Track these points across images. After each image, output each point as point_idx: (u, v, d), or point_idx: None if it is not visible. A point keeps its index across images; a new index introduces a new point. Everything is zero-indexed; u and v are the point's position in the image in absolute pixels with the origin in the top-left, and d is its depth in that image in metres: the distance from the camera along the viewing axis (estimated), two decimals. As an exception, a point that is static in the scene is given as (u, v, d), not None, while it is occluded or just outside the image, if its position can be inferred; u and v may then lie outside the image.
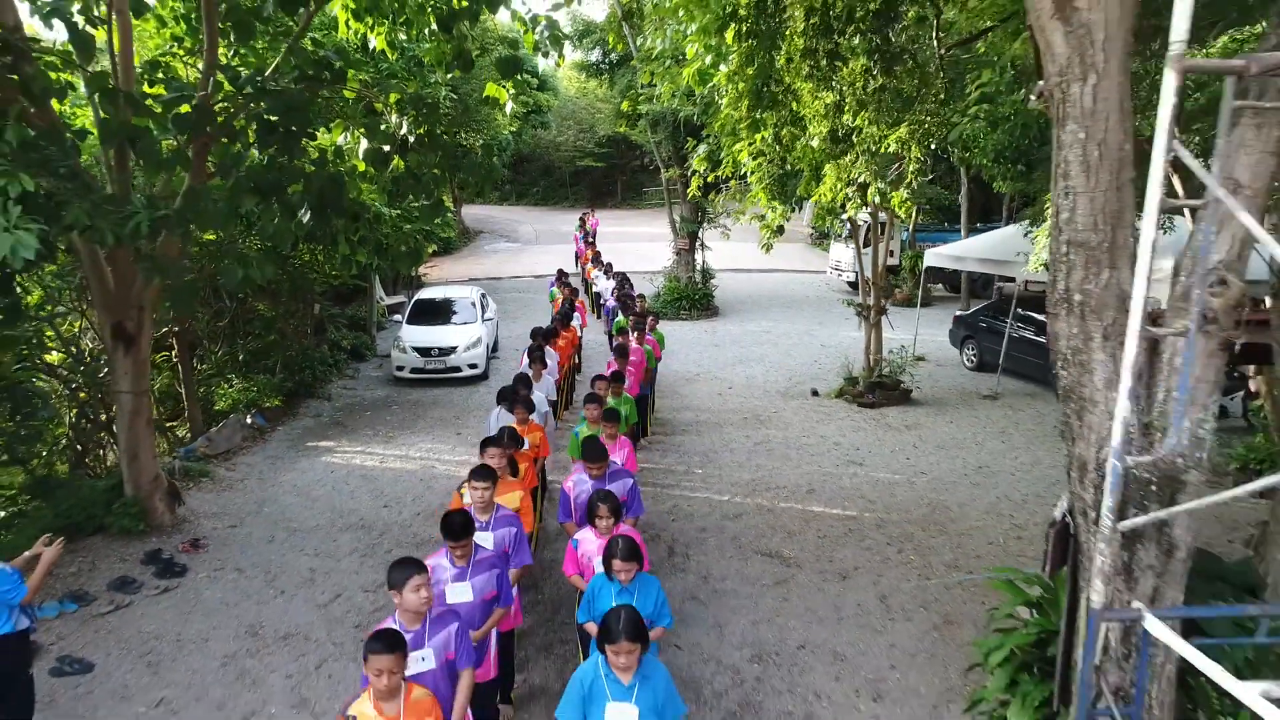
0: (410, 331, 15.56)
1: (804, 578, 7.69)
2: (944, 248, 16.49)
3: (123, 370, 8.04)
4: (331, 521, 9.07)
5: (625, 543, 4.64)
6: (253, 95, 7.07)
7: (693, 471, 10.62)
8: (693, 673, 6.18)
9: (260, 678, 6.13)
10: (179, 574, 7.72)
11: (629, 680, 3.73)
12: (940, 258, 15.78)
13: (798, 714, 5.70)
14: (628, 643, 3.64)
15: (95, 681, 6.06)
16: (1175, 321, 3.68)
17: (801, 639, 6.65)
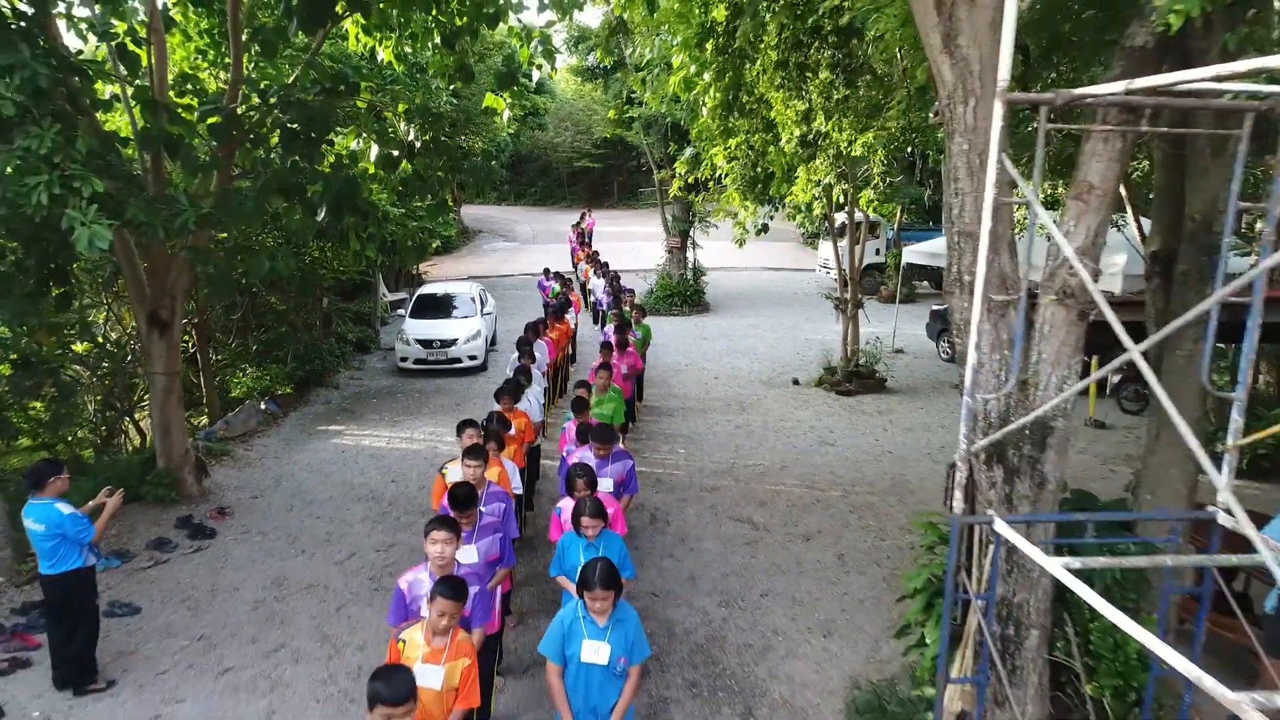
0: (413, 325, 16.40)
1: (771, 539, 8.55)
2: (921, 245, 17.36)
3: (157, 354, 8.89)
4: (344, 494, 9.92)
5: (592, 503, 5.21)
6: (277, 106, 7.92)
7: (676, 451, 11.48)
8: (668, 615, 7.04)
9: (287, 619, 6.99)
10: (209, 536, 8.57)
11: (604, 622, 4.25)
12: (918, 255, 16.65)
13: (756, 646, 6.57)
14: (602, 590, 4.17)
15: (143, 621, 6.91)
16: (1045, 297, 4.54)
17: (765, 588, 7.51)
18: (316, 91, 8.32)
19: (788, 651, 6.51)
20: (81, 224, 5.28)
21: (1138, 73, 3.97)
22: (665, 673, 6.20)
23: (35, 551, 5.64)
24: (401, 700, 3.29)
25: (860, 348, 14.98)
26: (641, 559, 7.95)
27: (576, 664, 4.25)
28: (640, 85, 13.71)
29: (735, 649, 6.55)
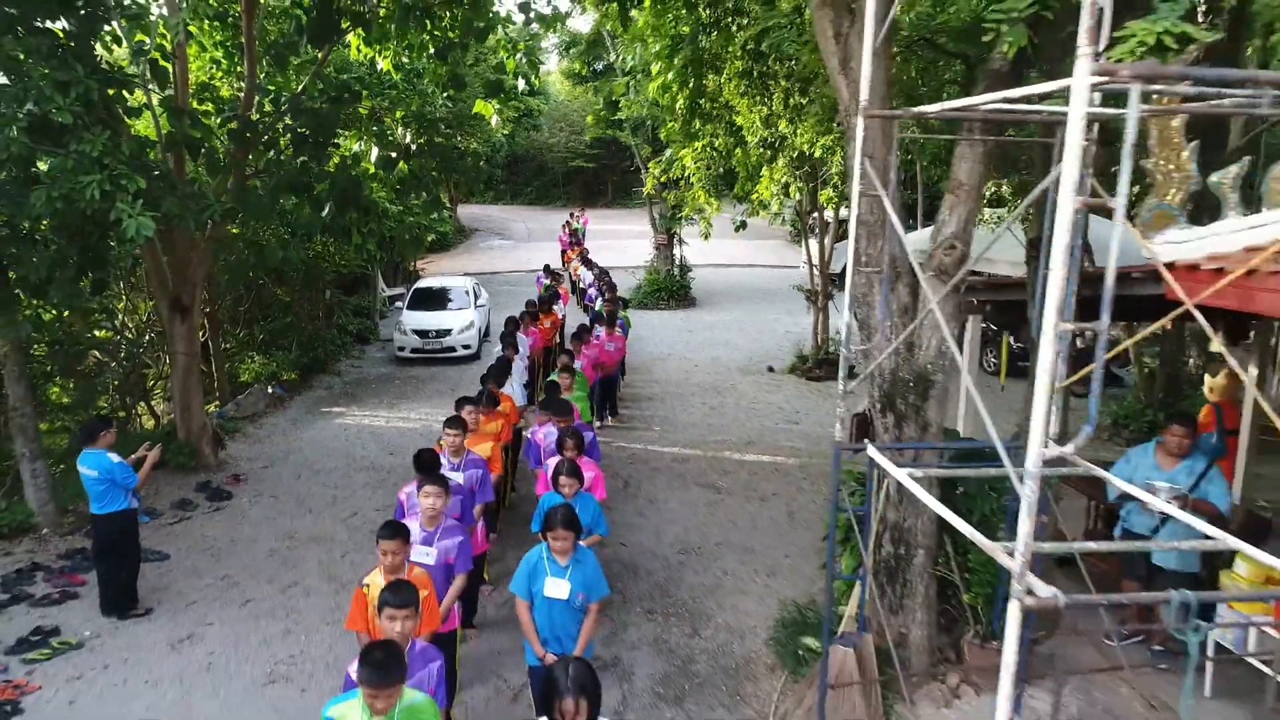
0: (410, 316, 17.39)
1: (731, 501, 9.55)
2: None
3: (178, 336, 9.87)
4: (347, 464, 10.90)
5: (569, 464, 5.93)
6: (288, 112, 8.91)
7: (652, 429, 12.48)
8: (633, 561, 8.03)
9: (298, 563, 7.98)
10: (226, 498, 9.56)
11: (565, 562, 4.71)
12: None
13: (708, 584, 7.56)
14: (563, 530, 4.64)
15: (172, 565, 7.90)
16: (928, 274, 5.53)
17: (720, 539, 8.51)
18: (323, 99, 9.31)
19: (735, 588, 7.50)
20: (129, 216, 6.25)
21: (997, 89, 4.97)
22: (627, 603, 7.19)
23: (87, 495, 6.61)
24: (404, 605, 3.86)
25: (830, 337, 15.97)
26: (614, 518, 8.92)
27: (541, 599, 4.73)
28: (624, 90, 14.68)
29: (689, 587, 7.54)
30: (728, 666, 6.31)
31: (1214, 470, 5.70)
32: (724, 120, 10.66)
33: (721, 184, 11.75)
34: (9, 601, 7.10)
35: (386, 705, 3.37)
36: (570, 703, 3.13)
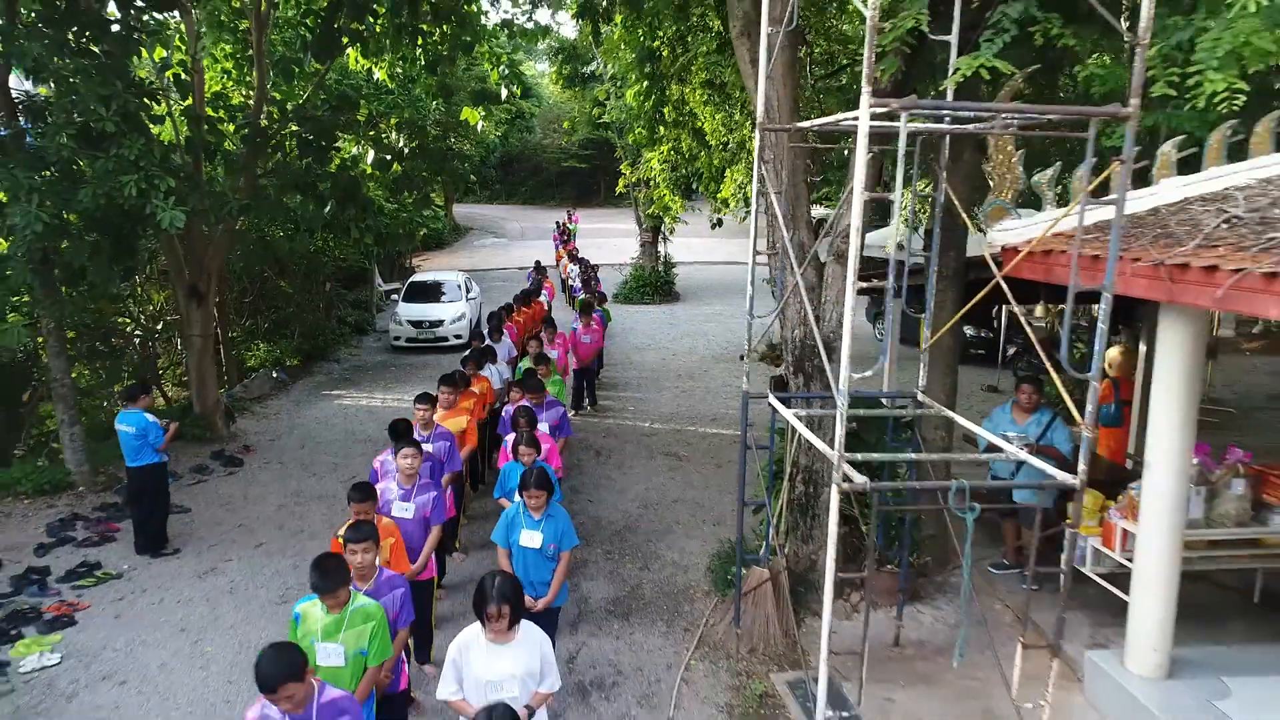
0: (405, 307, 18.51)
1: (690, 467, 10.68)
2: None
3: (195, 319, 10.99)
4: (346, 438, 12.03)
5: (528, 435, 6.66)
6: (293, 119, 10.03)
7: (626, 409, 13.61)
8: (598, 514, 9.15)
9: (305, 516, 9.10)
10: (238, 465, 10.68)
11: (538, 517, 5.29)
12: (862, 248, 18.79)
13: (660, 531, 8.70)
14: (536, 490, 5.23)
15: (193, 516, 9.01)
16: (829, 260, 6.67)
17: (677, 497, 9.64)
18: (325, 107, 10.43)
19: (684, 534, 8.64)
20: (163, 210, 7.36)
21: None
22: (589, 546, 8.32)
23: (121, 453, 7.73)
24: (361, 539, 4.54)
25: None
26: (584, 480, 10.09)
27: (518, 548, 5.29)
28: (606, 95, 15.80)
29: (644, 533, 8.68)
30: (670, 592, 7.44)
31: (1057, 421, 6.87)
32: (688, 126, 11.80)
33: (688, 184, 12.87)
34: (55, 544, 8.21)
35: (338, 604, 4.15)
36: (494, 608, 3.77)
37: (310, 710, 3.55)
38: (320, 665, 4.10)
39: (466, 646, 3.92)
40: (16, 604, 7.02)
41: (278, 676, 3.40)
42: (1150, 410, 5.21)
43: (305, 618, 4.28)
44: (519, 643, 3.93)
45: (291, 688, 3.43)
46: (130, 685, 5.96)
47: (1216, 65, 4.53)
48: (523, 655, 3.92)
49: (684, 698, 5.89)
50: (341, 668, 4.17)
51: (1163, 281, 4.04)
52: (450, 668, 3.92)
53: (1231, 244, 3.78)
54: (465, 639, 3.95)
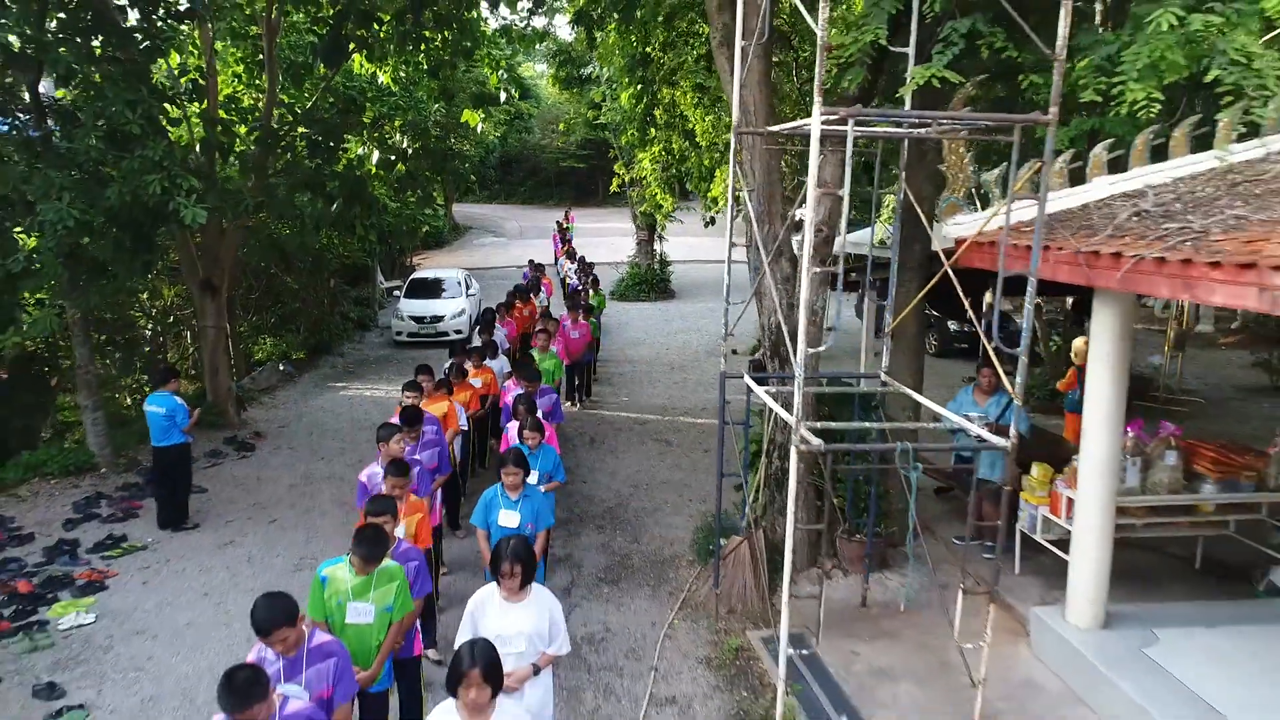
0: (407, 303, 19.06)
1: (678, 451, 11.25)
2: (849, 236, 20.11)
3: (209, 312, 11.55)
4: (352, 426, 12.59)
5: (532, 420, 7.12)
6: (303, 121, 10.59)
7: (620, 399, 14.18)
8: (592, 494, 9.72)
9: (314, 494, 9.66)
10: (250, 450, 11.24)
11: (515, 497, 5.56)
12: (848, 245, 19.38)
13: (649, 508, 9.27)
14: (513, 466, 5.50)
15: (210, 496, 9.56)
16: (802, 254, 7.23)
17: (665, 479, 10.21)
18: (332, 110, 10.98)
19: (671, 511, 9.21)
20: (185, 207, 7.92)
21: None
22: (583, 522, 8.89)
23: (151, 430, 8.28)
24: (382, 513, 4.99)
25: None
26: (578, 463, 10.65)
27: (496, 528, 5.48)
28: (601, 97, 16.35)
29: (634, 511, 9.25)
30: (656, 561, 8.01)
31: (1014, 403, 7.42)
32: (679, 128, 12.36)
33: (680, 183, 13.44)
34: (82, 519, 8.77)
35: (367, 568, 4.47)
36: (507, 566, 4.19)
37: (302, 652, 3.91)
38: (350, 623, 4.49)
39: (482, 602, 4.32)
40: (50, 571, 7.57)
41: (272, 621, 3.74)
42: (1086, 386, 5.78)
43: (332, 580, 4.62)
44: (530, 603, 4.31)
45: (285, 631, 3.76)
46: (161, 639, 6.52)
47: (1137, 77, 5.09)
48: (533, 615, 4.30)
49: (667, 651, 6.46)
50: (370, 624, 4.54)
51: (1081, 267, 4.61)
52: (467, 619, 4.28)
53: (1136, 234, 4.35)
54: (482, 596, 4.34)
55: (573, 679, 6.03)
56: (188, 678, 6.01)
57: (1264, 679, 5.33)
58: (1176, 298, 3.99)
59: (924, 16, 5.92)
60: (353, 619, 4.54)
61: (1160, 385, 13.92)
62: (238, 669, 3.33)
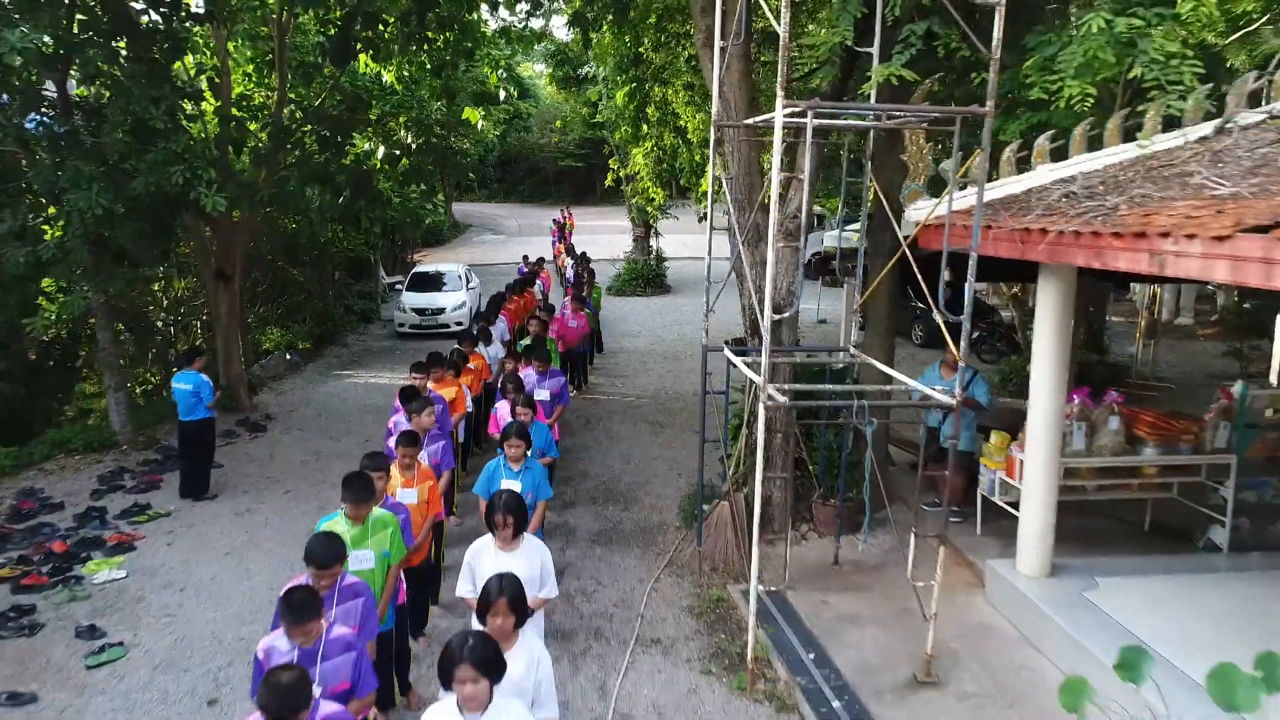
0: (409, 296, 19.64)
1: (669, 432, 11.83)
2: (833, 232, 20.69)
3: (222, 299, 12.12)
4: (358, 409, 13.16)
5: (524, 397, 7.72)
6: (312, 118, 11.16)
7: (615, 385, 14.76)
8: (587, 469, 10.29)
9: (325, 469, 10.23)
10: (263, 430, 11.82)
11: (517, 468, 5.89)
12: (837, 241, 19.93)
13: (640, 481, 9.85)
14: (516, 439, 5.91)
15: (226, 471, 10.13)
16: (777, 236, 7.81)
17: (655, 455, 10.79)
18: (340, 107, 11.56)
19: (661, 483, 9.79)
20: (206, 196, 8.49)
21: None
22: (577, 494, 9.47)
23: (179, 406, 8.86)
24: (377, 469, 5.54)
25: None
26: (575, 442, 11.23)
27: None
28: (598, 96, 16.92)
29: (625, 484, 9.83)
30: (645, 528, 8.59)
31: (978, 378, 8.01)
32: (670, 125, 12.94)
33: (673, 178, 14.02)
34: (107, 490, 9.34)
35: (359, 518, 4.86)
36: (500, 517, 4.58)
37: (334, 591, 4.29)
38: (353, 569, 4.82)
39: (478, 551, 4.77)
40: (82, 534, 8.15)
41: (330, 556, 4.21)
42: (1032, 356, 6.36)
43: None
44: (522, 552, 4.76)
45: (337, 568, 4.26)
46: (189, 591, 7.10)
47: (1073, 74, 5.67)
48: (524, 562, 4.71)
49: (653, 601, 7.03)
50: (372, 569, 4.99)
51: (1016, 243, 5.19)
52: (465, 569, 4.74)
53: (1062, 212, 4.93)
54: (478, 545, 4.79)
55: (566, 624, 6.61)
56: (215, 622, 6.58)
57: (1190, 618, 5.91)
58: (1090, 265, 4.57)
59: (886, 20, 6.50)
60: (355, 565, 4.87)
61: (1134, 372, 14.53)
62: (295, 589, 3.84)
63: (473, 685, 3.09)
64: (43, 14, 7.92)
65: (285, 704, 3.05)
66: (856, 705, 5.54)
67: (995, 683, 5.76)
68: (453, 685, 3.14)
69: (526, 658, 3.67)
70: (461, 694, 3.12)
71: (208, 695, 5.64)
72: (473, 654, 3.10)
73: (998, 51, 5.01)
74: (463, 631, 3.33)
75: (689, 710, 5.56)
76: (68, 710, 5.48)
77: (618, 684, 5.82)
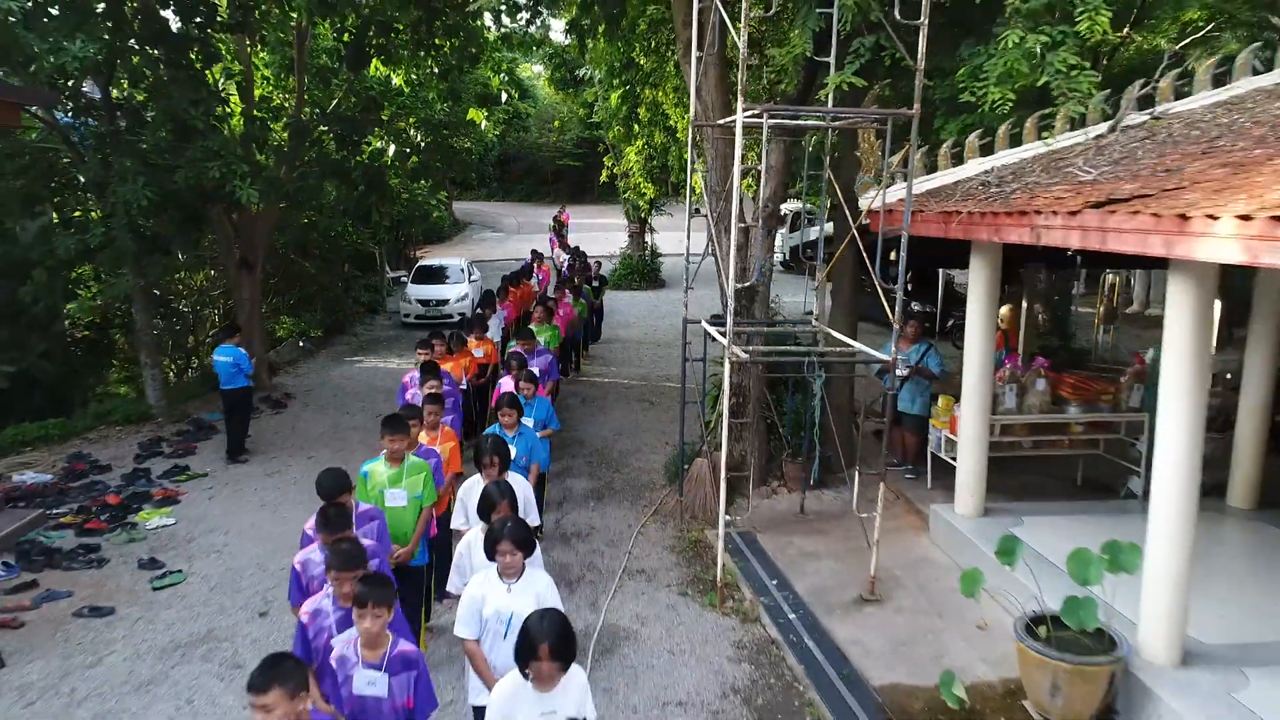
0: (415, 288, 20.63)
1: (659, 409, 12.83)
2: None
3: (245, 285, 13.11)
4: (369, 389, 14.15)
5: (527, 374, 8.65)
6: (330, 119, 12.15)
7: (610, 370, 15.75)
8: (583, 438, 11.29)
9: (345, 439, 11.23)
10: (283, 407, 12.80)
11: (511, 434, 6.49)
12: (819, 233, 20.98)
13: (631, 449, 10.85)
14: (508, 409, 6.63)
15: (253, 440, 11.06)
16: (751, 221, 8.81)
17: (646, 428, 11.79)
18: (355, 109, 12.55)
19: (649, 452, 10.79)
20: (241, 189, 9.48)
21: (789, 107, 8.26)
22: (573, 459, 10.46)
23: (220, 376, 9.85)
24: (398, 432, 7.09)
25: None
26: (572, 417, 12.21)
27: None
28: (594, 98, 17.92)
29: (618, 450, 10.83)
30: (634, 486, 9.59)
31: (931, 349, 9.02)
32: (660, 125, 13.94)
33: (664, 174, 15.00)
34: (148, 455, 10.33)
35: (396, 460, 5.57)
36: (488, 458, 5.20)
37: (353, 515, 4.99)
38: (389, 507, 5.66)
39: (469, 489, 5.49)
40: (132, 490, 9.13)
41: (338, 487, 4.94)
42: (966, 324, 7.36)
43: (372, 474, 5.86)
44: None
45: (346, 497, 4.97)
46: (232, 534, 8.10)
47: (995, 81, 6.66)
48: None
49: (640, 542, 8.04)
50: (405, 507, 5.73)
51: (940, 224, 6.19)
52: (459, 505, 5.56)
53: (975, 198, 5.93)
54: (469, 483, 5.53)
55: (563, 558, 7.61)
56: (258, 556, 7.58)
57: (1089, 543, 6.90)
58: (992, 239, 5.56)
59: (840, 34, 7.50)
60: (391, 503, 5.72)
61: (1094, 355, 15.55)
62: (328, 506, 4.68)
63: (511, 556, 3.91)
64: (96, 26, 8.89)
65: (348, 561, 3.99)
66: (810, 618, 6.54)
67: (928, 600, 6.76)
68: (496, 556, 3.98)
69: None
70: (502, 563, 3.95)
71: (258, 609, 6.64)
72: (512, 532, 3.96)
73: (922, 63, 6.00)
74: (502, 518, 4.20)
75: (668, 620, 6.56)
76: (140, 621, 6.48)
77: (607, 602, 6.81)
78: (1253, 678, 4.95)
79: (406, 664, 3.71)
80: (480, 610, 4.06)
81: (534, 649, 3.25)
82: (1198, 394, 4.71)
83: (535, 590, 4.08)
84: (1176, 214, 3.67)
